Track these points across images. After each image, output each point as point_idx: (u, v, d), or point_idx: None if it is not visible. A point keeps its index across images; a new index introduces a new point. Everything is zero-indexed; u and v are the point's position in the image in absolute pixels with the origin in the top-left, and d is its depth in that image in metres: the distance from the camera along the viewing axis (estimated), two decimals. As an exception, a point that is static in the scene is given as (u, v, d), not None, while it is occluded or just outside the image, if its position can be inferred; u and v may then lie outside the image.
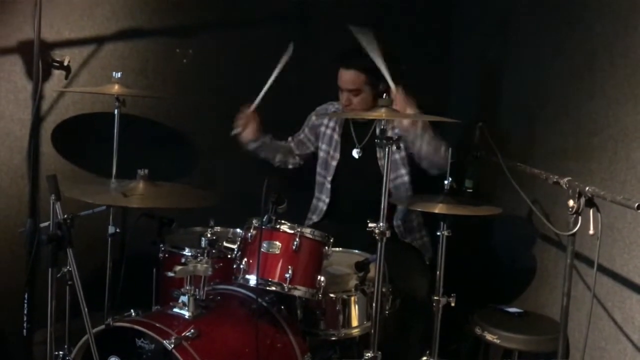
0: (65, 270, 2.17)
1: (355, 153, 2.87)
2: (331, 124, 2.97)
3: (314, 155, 3.06)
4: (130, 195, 2.23)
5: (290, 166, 3.07)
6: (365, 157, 2.86)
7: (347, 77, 2.77)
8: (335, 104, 3.00)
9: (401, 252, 2.75)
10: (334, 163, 2.93)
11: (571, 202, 1.89)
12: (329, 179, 2.93)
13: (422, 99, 3.30)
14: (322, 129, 2.98)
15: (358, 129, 2.89)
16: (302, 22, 3.35)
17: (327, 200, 2.96)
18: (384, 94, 2.54)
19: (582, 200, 1.87)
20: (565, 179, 1.98)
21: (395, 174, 2.85)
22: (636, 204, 1.70)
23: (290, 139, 3.07)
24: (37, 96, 2.78)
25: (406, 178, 2.85)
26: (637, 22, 2.26)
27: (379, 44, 2.47)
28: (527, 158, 2.74)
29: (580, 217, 1.89)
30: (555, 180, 2.05)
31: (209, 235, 2.22)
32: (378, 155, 2.84)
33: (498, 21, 3.30)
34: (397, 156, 2.83)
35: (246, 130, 2.85)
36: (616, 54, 2.37)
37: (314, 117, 3.02)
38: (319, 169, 2.99)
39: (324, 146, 2.97)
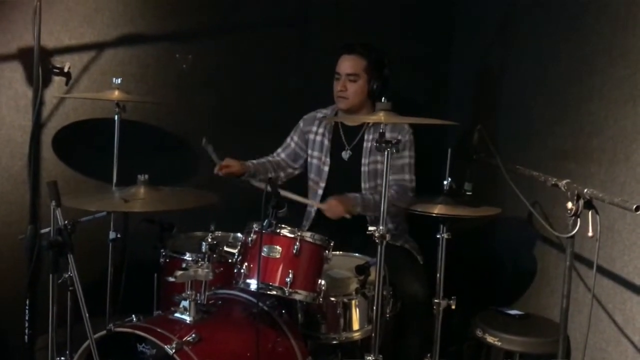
0: (67, 276, 2.19)
1: (344, 155, 2.88)
2: (320, 130, 2.95)
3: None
4: (131, 201, 2.24)
5: (284, 179, 3.00)
6: (354, 160, 2.87)
7: (348, 61, 2.80)
8: (323, 110, 2.99)
9: (395, 255, 2.74)
10: (326, 168, 2.92)
11: (570, 205, 1.89)
12: (322, 185, 2.92)
13: (422, 101, 3.33)
14: (312, 136, 2.97)
15: (347, 131, 2.90)
16: (301, 27, 3.36)
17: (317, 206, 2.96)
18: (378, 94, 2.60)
19: (581, 202, 1.87)
20: (564, 182, 1.98)
21: (375, 182, 2.84)
22: (634, 206, 1.70)
23: (279, 150, 3.03)
24: (38, 102, 2.79)
25: (378, 189, 2.88)
26: (636, 24, 2.27)
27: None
28: (526, 160, 2.75)
29: (579, 219, 1.89)
30: (554, 182, 2.05)
31: (209, 240, 2.22)
32: (362, 160, 2.84)
33: (498, 24, 3.30)
34: (379, 166, 2.81)
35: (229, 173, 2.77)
36: (615, 56, 2.38)
37: (301, 124, 3.01)
38: (312, 176, 2.97)
39: (315, 153, 2.95)
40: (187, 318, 2.09)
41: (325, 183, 2.91)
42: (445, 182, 2.39)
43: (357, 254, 2.60)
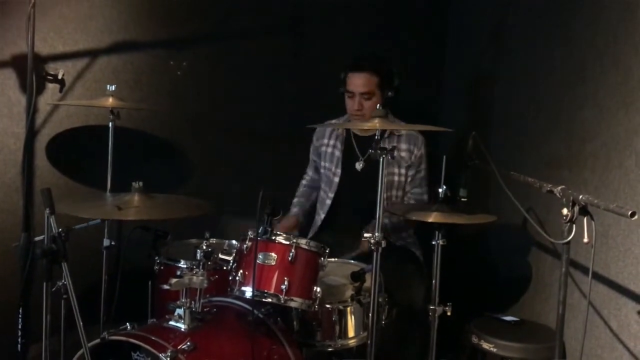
0: (60, 284, 2.17)
1: (357, 166, 2.87)
2: (331, 142, 2.96)
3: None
4: (125, 209, 2.23)
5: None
6: (369, 171, 2.86)
7: (361, 79, 2.77)
8: (333, 121, 3.01)
9: (401, 262, 2.75)
10: (336, 179, 2.92)
11: (565, 211, 1.89)
12: (331, 195, 2.93)
13: (416, 108, 3.34)
14: (323, 148, 2.98)
15: (360, 142, 2.88)
16: (295, 34, 3.37)
17: (323, 215, 2.96)
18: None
19: (576, 208, 1.87)
20: (559, 188, 1.98)
21: (388, 194, 2.85)
22: (629, 212, 1.70)
23: (307, 170, 3.10)
24: (31, 110, 2.78)
25: (399, 198, 2.90)
26: (626, 31, 2.28)
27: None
28: (520, 167, 2.75)
29: (574, 225, 1.90)
30: (549, 188, 2.05)
31: (204, 247, 2.21)
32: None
33: (491, 32, 3.32)
34: (395, 178, 2.86)
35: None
36: (606, 63, 2.39)
37: (314, 139, 3.03)
38: (323, 186, 3.00)
39: (326, 164, 2.97)
40: (182, 326, 2.08)
41: (335, 194, 2.93)
42: (440, 190, 2.39)
43: (352, 261, 2.60)
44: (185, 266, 2.40)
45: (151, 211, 2.29)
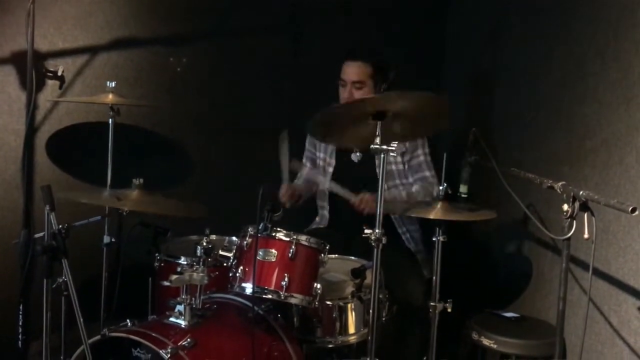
0: (61, 280, 2.18)
1: (354, 157, 2.86)
2: None
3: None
4: (124, 200, 2.23)
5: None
6: (364, 162, 2.86)
7: (353, 68, 2.75)
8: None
9: (399, 259, 2.75)
10: (330, 169, 2.93)
11: (565, 207, 1.90)
12: (327, 185, 2.93)
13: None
14: None
15: None
16: (296, 31, 3.36)
17: (328, 207, 2.96)
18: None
19: (577, 204, 1.87)
20: (560, 184, 1.98)
21: (390, 184, 2.84)
22: (630, 208, 1.70)
23: (304, 161, 3.05)
24: (31, 106, 2.78)
25: (401, 188, 2.87)
26: (627, 27, 2.28)
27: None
28: (521, 163, 2.75)
29: (574, 221, 1.90)
30: (549, 184, 2.05)
31: (204, 244, 2.20)
32: (377, 162, 2.82)
33: (491, 28, 3.32)
34: (393, 167, 2.85)
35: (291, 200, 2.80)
36: (607, 59, 2.39)
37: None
38: (320, 178, 2.99)
39: (321, 154, 2.97)
40: (182, 322, 2.08)
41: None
42: (440, 187, 2.39)
43: (352, 257, 2.60)
44: (185, 263, 2.39)
45: (152, 207, 2.30)
